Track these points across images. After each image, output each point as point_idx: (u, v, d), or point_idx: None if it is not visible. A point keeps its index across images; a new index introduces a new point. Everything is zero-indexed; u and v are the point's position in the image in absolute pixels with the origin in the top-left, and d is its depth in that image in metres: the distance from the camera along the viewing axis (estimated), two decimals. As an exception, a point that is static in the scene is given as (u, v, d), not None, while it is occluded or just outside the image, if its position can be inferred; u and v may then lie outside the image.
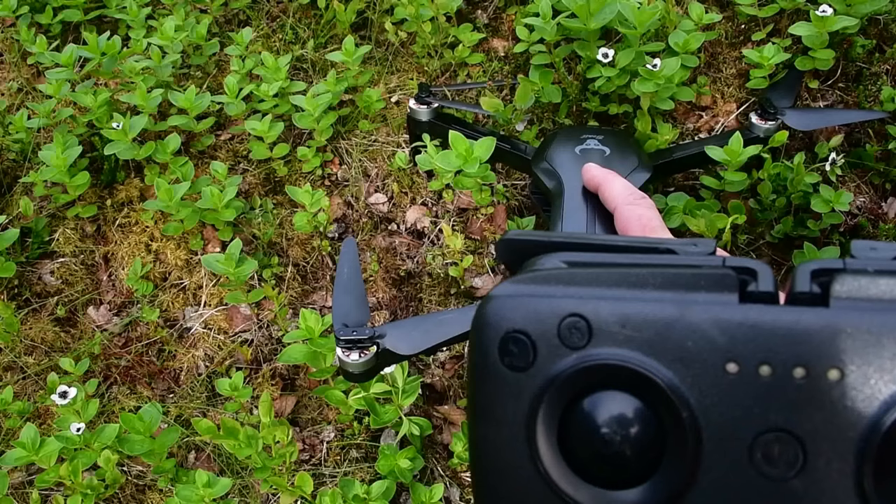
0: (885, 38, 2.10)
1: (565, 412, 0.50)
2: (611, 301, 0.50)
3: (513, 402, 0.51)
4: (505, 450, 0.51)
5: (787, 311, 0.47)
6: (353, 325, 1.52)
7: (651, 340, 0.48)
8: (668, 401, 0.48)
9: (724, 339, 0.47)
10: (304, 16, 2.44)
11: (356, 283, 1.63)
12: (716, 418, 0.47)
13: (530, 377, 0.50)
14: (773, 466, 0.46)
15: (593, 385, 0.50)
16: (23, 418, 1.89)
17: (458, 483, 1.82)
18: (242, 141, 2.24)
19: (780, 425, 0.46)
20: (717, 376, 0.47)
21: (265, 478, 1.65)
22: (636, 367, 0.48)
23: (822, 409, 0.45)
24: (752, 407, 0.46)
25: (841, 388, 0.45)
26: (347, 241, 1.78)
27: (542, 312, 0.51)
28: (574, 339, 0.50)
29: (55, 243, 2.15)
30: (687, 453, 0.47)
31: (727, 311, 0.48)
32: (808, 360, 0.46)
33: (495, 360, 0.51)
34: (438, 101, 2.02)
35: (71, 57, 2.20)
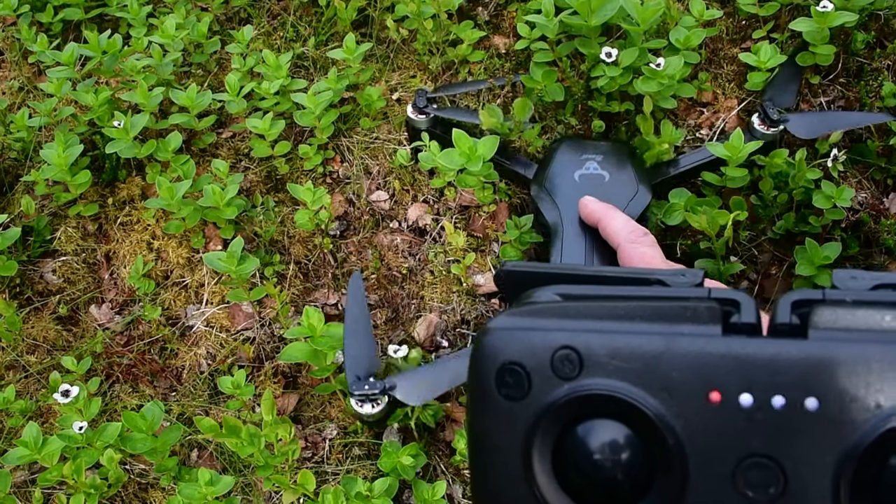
0: (886, 34, 2.10)
1: (559, 439, 0.53)
2: (601, 334, 0.53)
3: (509, 430, 0.53)
4: (502, 476, 0.53)
5: (766, 343, 0.50)
6: (366, 374, 1.66)
7: (639, 371, 0.51)
8: (655, 429, 0.50)
9: (707, 370, 0.50)
10: (305, 13, 2.44)
11: (364, 327, 1.76)
12: (700, 445, 0.49)
13: (525, 407, 0.53)
14: (754, 491, 0.48)
15: (585, 413, 0.52)
16: (25, 417, 1.89)
17: (460, 480, 1.83)
18: (244, 139, 2.24)
19: (761, 451, 0.48)
20: (700, 405, 0.49)
21: (267, 476, 1.65)
22: (624, 396, 0.51)
23: (801, 436, 0.48)
24: (734, 434, 0.49)
25: (818, 416, 0.47)
26: (354, 278, 1.84)
27: (536, 345, 0.53)
28: (566, 371, 0.52)
29: (57, 242, 2.15)
30: (674, 478, 0.50)
31: (710, 343, 0.50)
32: (787, 390, 0.48)
33: (492, 390, 0.54)
34: (435, 111, 2.02)
35: (72, 55, 2.20)
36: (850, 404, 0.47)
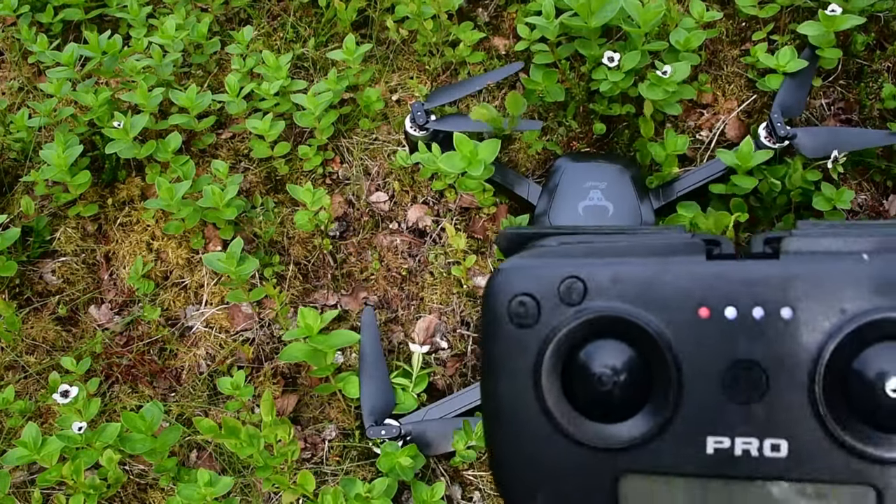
0: (886, 36, 2.10)
1: (567, 360, 0.59)
2: (602, 265, 0.60)
3: (521, 355, 0.59)
4: (515, 397, 0.59)
5: (745, 264, 0.58)
6: (381, 415, 1.77)
7: (637, 294, 0.58)
8: (654, 342, 0.57)
9: (695, 290, 0.57)
10: (304, 14, 2.44)
11: (379, 365, 1.86)
12: (692, 354, 0.56)
13: (536, 332, 0.59)
14: (741, 392, 0.55)
15: (590, 335, 0.59)
16: (24, 417, 1.89)
17: (459, 481, 1.82)
18: (243, 139, 2.24)
19: (746, 357, 0.56)
20: (691, 319, 0.57)
21: (267, 476, 1.65)
22: (626, 315, 0.58)
23: (779, 342, 0.55)
24: (721, 343, 0.56)
25: (793, 323, 0.55)
26: (366, 312, 1.89)
27: (544, 277, 0.60)
28: (573, 297, 0.59)
29: (56, 242, 2.15)
30: (671, 386, 0.57)
31: (698, 267, 0.59)
32: (765, 302, 0.56)
33: (505, 320, 0.60)
34: (434, 124, 2.02)
35: (72, 56, 2.20)
36: (819, 312, 0.55)
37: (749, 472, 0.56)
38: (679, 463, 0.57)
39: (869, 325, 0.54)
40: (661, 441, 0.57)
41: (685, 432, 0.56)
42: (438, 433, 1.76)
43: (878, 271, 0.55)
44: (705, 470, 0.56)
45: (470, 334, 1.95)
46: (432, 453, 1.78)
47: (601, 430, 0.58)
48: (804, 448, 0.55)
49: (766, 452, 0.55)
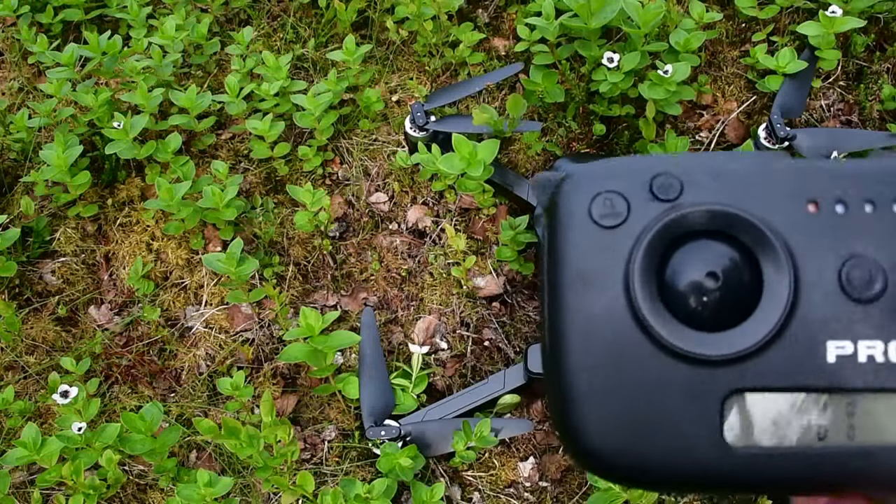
0: (886, 37, 2.10)
1: (663, 262, 0.53)
2: (698, 162, 0.55)
3: (608, 257, 0.53)
4: (601, 306, 0.53)
5: (851, 161, 0.54)
6: (381, 416, 1.77)
7: (740, 189, 0.53)
8: (764, 237, 0.52)
9: (802, 185, 0.53)
10: (304, 15, 2.44)
11: (379, 366, 1.86)
12: (806, 250, 0.52)
13: (625, 230, 0.53)
14: (860, 289, 0.51)
15: (690, 233, 0.53)
16: (24, 418, 1.89)
17: (458, 482, 1.83)
18: (243, 140, 2.24)
19: (862, 252, 0.51)
20: (801, 215, 0.52)
21: (266, 477, 1.65)
22: (732, 209, 0.53)
23: (894, 235, 0.52)
24: (835, 238, 0.52)
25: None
26: (366, 312, 1.89)
27: (633, 171, 0.54)
28: (667, 193, 0.53)
29: (56, 243, 2.15)
30: (785, 285, 0.52)
31: (802, 162, 0.55)
32: (875, 196, 0.52)
33: (585, 221, 0.53)
34: (434, 125, 2.02)
35: (72, 56, 2.20)
36: None
37: (873, 382, 0.51)
38: (796, 374, 0.51)
39: None
40: (777, 349, 0.51)
41: (803, 337, 0.51)
42: (438, 434, 1.77)
43: None
44: (826, 382, 0.51)
45: (470, 335, 1.95)
46: (432, 454, 1.78)
47: (706, 339, 0.52)
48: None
49: (892, 357, 0.50)
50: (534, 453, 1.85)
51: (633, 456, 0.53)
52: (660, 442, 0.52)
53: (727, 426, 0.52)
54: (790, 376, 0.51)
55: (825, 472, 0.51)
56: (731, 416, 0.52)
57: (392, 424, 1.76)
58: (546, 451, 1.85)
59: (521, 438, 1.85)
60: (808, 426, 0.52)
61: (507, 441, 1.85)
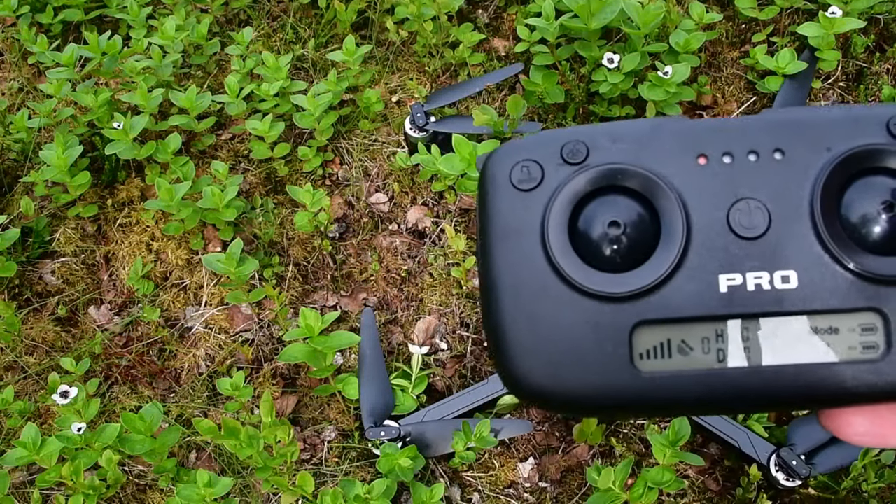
0: (886, 38, 2.10)
1: (573, 216, 0.60)
2: (602, 129, 0.61)
3: (526, 216, 0.60)
4: (522, 257, 0.59)
5: (733, 118, 0.61)
6: (380, 416, 1.79)
7: (638, 149, 0.60)
8: (658, 187, 0.59)
9: (692, 141, 0.59)
10: (304, 15, 2.44)
11: (379, 366, 1.87)
12: (697, 197, 0.59)
13: (540, 191, 0.60)
14: (747, 229, 0.57)
15: (595, 190, 0.60)
16: (24, 418, 1.89)
17: (458, 482, 1.83)
18: (243, 140, 2.24)
19: (747, 195, 0.58)
20: (692, 167, 0.59)
21: (266, 477, 1.65)
22: (630, 166, 0.59)
23: (776, 180, 0.58)
24: (723, 185, 0.58)
25: (785, 163, 0.59)
26: (366, 313, 1.90)
27: (545, 142, 0.61)
28: (576, 157, 0.60)
29: (56, 243, 2.15)
30: (679, 228, 0.58)
31: (689, 123, 0.60)
32: (757, 146, 0.59)
33: (508, 185, 0.60)
34: (434, 126, 2.02)
35: (72, 56, 2.20)
36: (808, 150, 0.59)
37: (762, 308, 0.57)
38: (694, 305, 0.58)
39: (853, 157, 0.58)
40: (674, 285, 0.58)
41: (697, 272, 0.58)
42: (438, 434, 1.77)
43: (852, 113, 0.59)
44: (720, 310, 0.57)
45: (469, 335, 1.95)
46: (431, 454, 1.78)
47: (613, 279, 0.58)
48: (812, 277, 0.57)
49: (777, 284, 0.57)
50: (533, 454, 1.85)
51: (560, 387, 0.59)
52: (581, 373, 0.59)
53: (636, 354, 0.58)
54: (688, 307, 0.58)
55: (727, 391, 0.58)
56: (639, 344, 0.58)
57: (392, 425, 1.77)
58: (546, 451, 1.85)
59: (520, 439, 1.85)
60: (708, 350, 0.58)
61: (506, 442, 1.85)
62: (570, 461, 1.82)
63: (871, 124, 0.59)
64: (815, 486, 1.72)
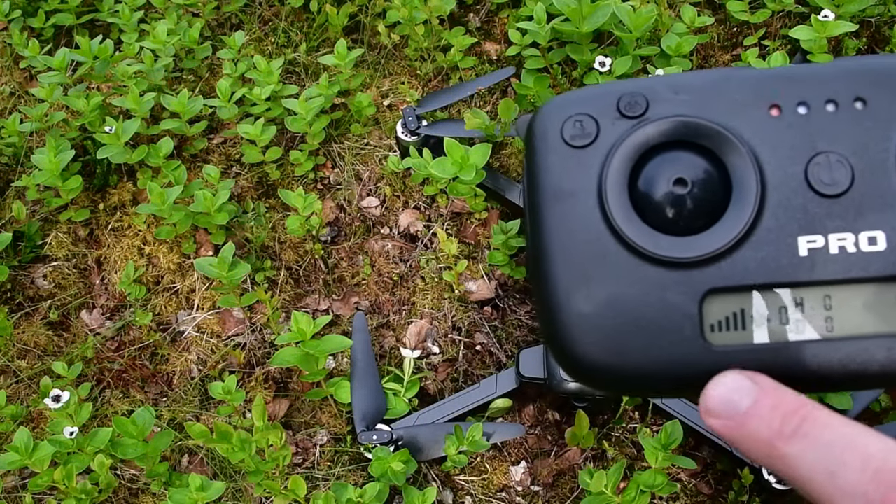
0: (877, 41, 2.11)
1: (633, 174, 0.55)
2: (662, 80, 0.57)
3: (582, 175, 0.56)
4: (578, 221, 0.55)
5: (810, 64, 0.57)
6: (372, 420, 1.79)
7: (703, 99, 0.56)
8: (728, 141, 0.55)
9: (763, 90, 0.55)
10: (296, 19, 2.44)
11: (371, 370, 1.87)
12: (771, 151, 0.54)
13: (596, 148, 0.56)
14: (827, 185, 0.53)
15: (657, 146, 0.56)
16: (16, 422, 1.88)
17: (450, 486, 1.83)
18: (235, 144, 2.24)
19: (827, 149, 0.54)
20: (764, 119, 0.55)
21: (258, 481, 1.65)
22: (696, 118, 0.55)
23: (858, 131, 0.54)
24: (799, 138, 0.54)
25: (868, 114, 0.54)
26: (358, 317, 1.90)
27: (600, 95, 0.57)
28: (634, 111, 0.56)
29: (48, 247, 2.15)
30: (752, 186, 0.54)
31: (758, 72, 0.56)
32: (836, 95, 0.54)
33: (559, 142, 0.56)
34: (426, 129, 2.02)
35: (63, 61, 2.20)
36: (891, 99, 0.54)
37: (847, 273, 0.53)
38: (770, 271, 0.53)
39: None
40: (748, 248, 0.53)
41: (774, 234, 0.53)
42: (430, 438, 1.77)
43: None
44: (800, 276, 0.53)
45: (461, 339, 1.95)
46: (424, 458, 1.78)
47: (680, 243, 0.54)
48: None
49: (863, 247, 0.52)
50: (525, 457, 1.85)
51: (623, 364, 0.55)
52: (644, 346, 0.54)
53: (707, 325, 0.54)
54: (764, 273, 0.53)
55: (807, 367, 0.53)
56: (710, 314, 0.54)
57: (384, 429, 1.77)
58: (538, 455, 1.85)
59: (512, 443, 1.85)
60: (786, 320, 0.53)
61: (498, 445, 1.85)
62: (562, 465, 1.82)
63: None
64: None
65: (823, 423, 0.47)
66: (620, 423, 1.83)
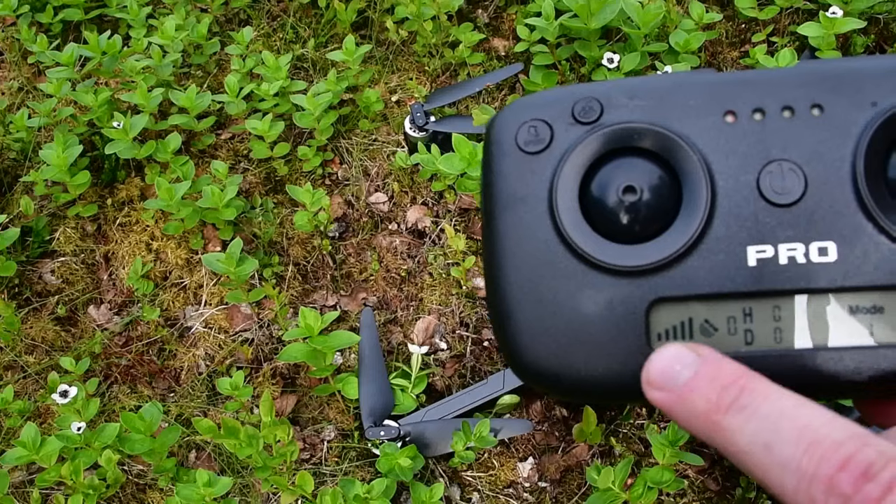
0: (886, 38, 2.10)
1: (584, 182, 0.55)
2: (617, 83, 0.56)
3: (534, 181, 0.55)
4: (529, 227, 0.55)
5: (766, 69, 0.56)
6: (380, 416, 1.79)
7: (658, 105, 0.55)
8: (680, 148, 0.54)
9: (719, 96, 0.54)
10: (304, 15, 2.44)
11: (378, 366, 1.87)
12: (723, 159, 0.53)
13: (549, 154, 0.55)
14: (780, 194, 0.52)
15: (609, 152, 0.55)
16: (23, 417, 1.89)
17: (458, 482, 1.82)
18: (243, 140, 2.24)
19: (780, 157, 0.53)
20: (719, 125, 0.54)
21: (266, 477, 1.65)
22: (648, 125, 0.54)
23: (813, 139, 0.53)
24: (753, 145, 0.53)
25: (824, 120, 0.53)
26: (365, 313, 1.90)
27: (555, 100, 0.56)
28: (588, 116, 0.55)
29: (56, 242, 2.15)
30: (702, 193, 0.53)
31: (718, 75, 0.55)
32: (793, 102, 0.53)
33: (514, 148, 0.56)
34: (434, 126, 2.02)
35: (72, 56, 2.20)
36: (850, 106, 0.53)
37: (796, 284, 0.52)
38: (719, 280, 0.52)
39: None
40: (697, 257, 0.52)
41: (723, 244, 0.53)
42: (437, 434, 1.77)
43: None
44: (749, 286, 0.52)
45: (469, 335, 1.95)
46: (431, 454, 1.78)
47: (628, 251, 0.53)
48: (854, 249, 0.51)
49: (813, 257, 0.52)
50: (533, 453, 1.85)
51: (569, 370, 0.54)
52: (592, 355, 0.54)
53: (654, 334, 0.53)
54: (713, 282, 0.53)
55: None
56: (657, 323, 0.53)
57: (391, 425, 1.77)
58: (545, 451, 1.85)
59: (520, 439, 1.85)
60: (734, 331, 0.53)
61: (506, 441, 1.85)
62: (569, 461, 1.82)
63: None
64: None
65: (762, 394, 0.46)
66: (628, 420, 1.82)
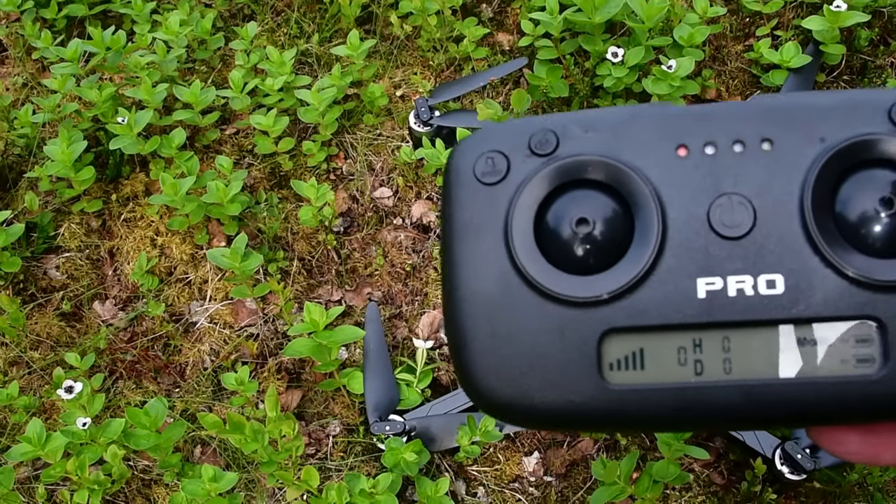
0: (890, 31, 2.10)
1: (539, 213, 0.55)
2: (573, 116, 0.57)
3: (491, 210, 0.56)
4: (485, 257, 0.55)
5: (720, 104, 0.57)
6: (385, 411, 1.80)
7: (612, 138, 0.56)
8: (631, 181, 0.55)
9: (672, 130, 0.55)
10: (308, 10, 2.44)
11: (383, 361, 1.87)
12: (674, 192, 0.54)
13: (505, 185, 0.56)
14: (729, 227, 0.53)
15: (563, 184, 0.56)
16: (29, 413, 1.89)
17: (463, 477, 1.83)
18: (247, 135, 2.24)
19: (730, 190, 0.53)
20: (671, 159, 0.55)
21: (271, 472, 1.65)
22: (602, 157, 0.55)
23: (763, 173, 0.54)
24: (704, 179, 0.54)
25: (774, 154, 0.54)
26: (370, 307, 1.90)
27: (513, 132, 0.57)
28: (544, 149, 0.56)
29: (60, 238, 2.15)
30: (653, 226, 0.54)
31: (672, 108, 0.56)
32: (744, 137, 0.54)
33: (471, 179, 0.56)
34: (438, 120, 2.02)
35: (76, 52, 2.20)
36: (799, 141, 0.54)
37: (745, 316, 0.53)
38: (669, 312, 0.53)
39: (849, 148, 0.53)
40: (648, 289, 0.53)
41: (673, 276, 0.53)
42: (443, 429, 1.77)
43: (849, 99, 0.55)
44: (698, 317, 0.53)
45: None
46: (436, 449, 1.78)
47: (580, 282, 0.54)
48: (801, 282, 0.52)
49: (761, 290, 0.53)
50: (538, 448, 1.85)
51: (523, 400, 0.55)
52: (542, 382, 0.54)
53: (605, 364, 0.54)
54: (663, 314, 0.53)
55: (704, 407, 0.53)
56: (609, 354, 0.54)
57: (397, 419, 1.77)
58: (550, 445, 1.85)
59: (525, 433, 1.85)
60: (685, 361, 0.53)
61: (511, 436, 1.85)
62: (575, 455, 1.82)
63: (869, 111, 0.54)
64: (820, 480, 1.72)
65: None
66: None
